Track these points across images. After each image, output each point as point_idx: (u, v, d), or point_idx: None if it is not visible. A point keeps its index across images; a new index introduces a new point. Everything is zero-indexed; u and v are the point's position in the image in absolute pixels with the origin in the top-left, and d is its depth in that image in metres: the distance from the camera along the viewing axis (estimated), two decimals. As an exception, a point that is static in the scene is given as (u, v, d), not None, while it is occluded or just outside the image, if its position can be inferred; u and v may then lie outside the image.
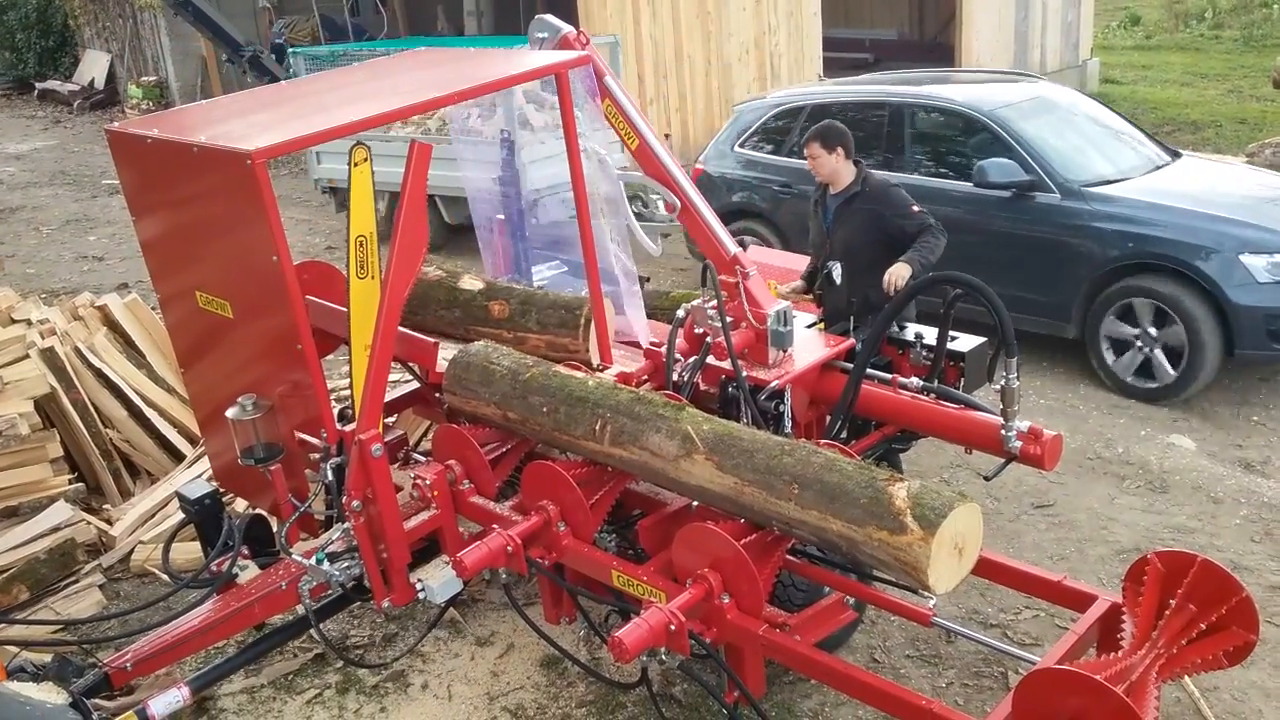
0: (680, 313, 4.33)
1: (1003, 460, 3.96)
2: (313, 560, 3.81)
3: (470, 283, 4.71)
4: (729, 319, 4.18)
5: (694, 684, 4.17)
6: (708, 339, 4.26)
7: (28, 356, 5.83)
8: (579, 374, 4.00)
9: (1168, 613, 3.26)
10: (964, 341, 4.52)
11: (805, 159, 5.29)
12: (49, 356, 5.85)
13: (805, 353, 4.45)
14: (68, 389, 5.86)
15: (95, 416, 5.94)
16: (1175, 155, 7.83)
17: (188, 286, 4.06)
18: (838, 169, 5.10)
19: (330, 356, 4.81)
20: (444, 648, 4.74)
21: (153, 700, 3.73)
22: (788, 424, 4.21)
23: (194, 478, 5.36)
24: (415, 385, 4.82)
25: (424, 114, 9.22)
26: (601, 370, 4.30)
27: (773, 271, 5.63)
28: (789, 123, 8.48)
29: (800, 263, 5.51)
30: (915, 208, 5.05)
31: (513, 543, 3.71)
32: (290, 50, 11.70)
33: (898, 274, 4.87)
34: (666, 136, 11.10)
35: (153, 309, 6.34)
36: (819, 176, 5.20)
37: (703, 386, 4.33)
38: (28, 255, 11.59)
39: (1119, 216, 6.77)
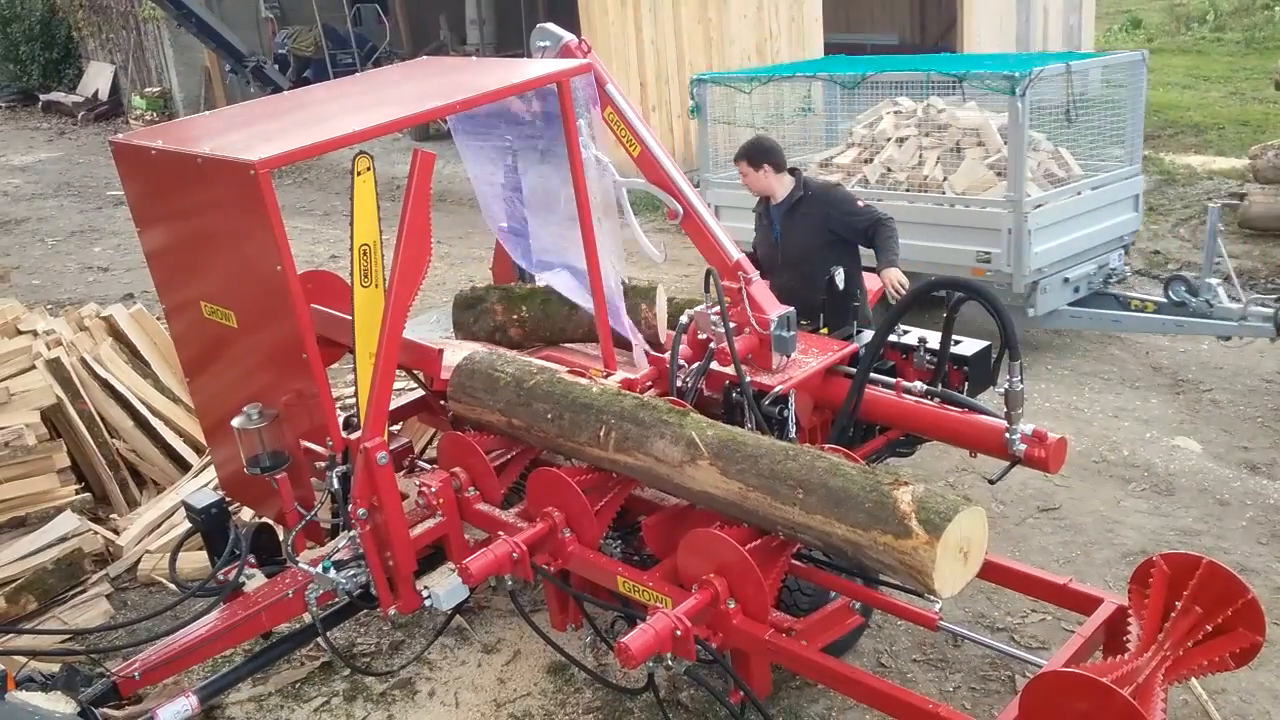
0: (684, 319, 4.34)
1: (1007, 464, 3.96)
2: (319, 568, 3.82)
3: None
4: (732, 325, 4.19)
5: (701, 689, 4.17)
6: (711, 345, 4.27)
7: (34, 367, 5.85)
8: (583, 380, 4.02)
9: (1174, 615, 3.25)
10: (968, 345, 4.53)
11: None
12: (55, 367, 5.87)
13: (808, 358, 4.45)
14: (74, 399, 5.88)
15: (102, 427, 5.96)
16: None
17: (192, 296, 4.08)
18: (769, 184, 5.27)
19: (335, 365, 4.83)
20: (451, 655, 4.74)
21: (161, 709, 3.74)
22: (792, 429, 4.22)
23: (200, 487, 5.37)
24: (420, 393, 4.83)
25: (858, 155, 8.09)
26: (606, 376, 4.31)
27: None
28: None
29: None
30: (861, 203, 5.21)
31: (518, 549, 3.72)
32: (695, 80, 8.57)
33: (894, 277, 4.90)
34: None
35: (158, 319, 6.37)
36: (752, 192, 5.36)
37: (706, 392, 4.34)
38: (33, 266, 11.63)
39: None
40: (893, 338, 4.50)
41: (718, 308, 4.18)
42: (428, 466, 4.44)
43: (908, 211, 7.36)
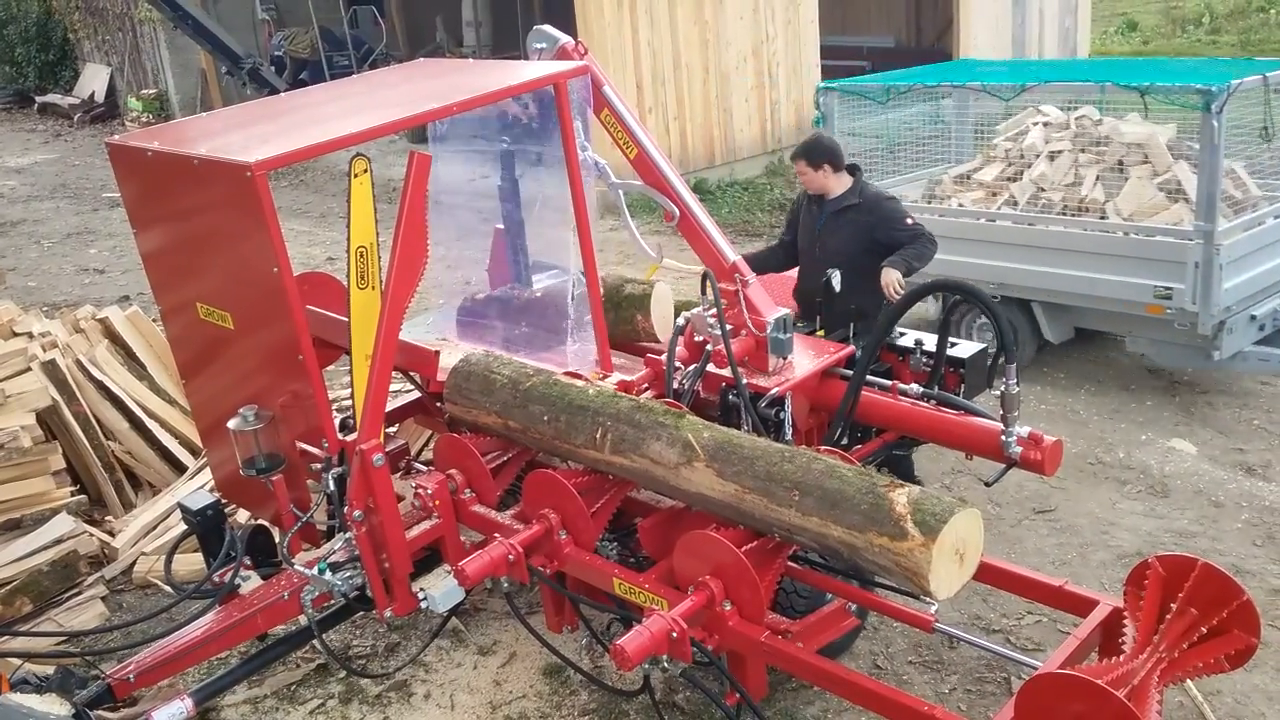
0: (680, 320, 4.34)
1: (1003, 466, 3.96)
2: (315, 570, 3.81)
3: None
4: (729, 327, 4.19)
5: (697, 691, 4.17)
6: (708, 346, 4.27)
7: (29, 369, 5.84)
8: (579, 383, 4.02)
9: (1169, 617, 3.26)
10: (964, 347, 4.53)
11: None
12: (50, 369, 5.86)
13: (805, 360, 4.46)
14: (69, 401, 5.87)
15: (97, 429, 5.95)
16: None
17: (189, 298, 4.07)
18: (827, 183, 5.21)
19: (331, 367, 4.82)
20: (446, 657, 4.74)
21: (156, 712, 3.73)
22: (788, 431, 4.22)
23: (196, 489, 5.37)
24: (416, 395, 4.83)
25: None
26: (602, 378, 4.31)
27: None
28: None
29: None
30: (909, 220, 5.15)
31: (514, 551, 3.72)
32: (822, 88, 7.69)
33: (892, 278, 4.90)
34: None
35: (154, 321, 6.36)
36: (810, 190, 5.31)
37: (703, 394, 4.34)
38: (29, 268, 11.62)
39: None
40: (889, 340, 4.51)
41: (714, 310, 4.18)
42: (424, 468, 4.44)
43: (1063, 238, 6.67)
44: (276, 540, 4.24)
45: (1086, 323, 6.99)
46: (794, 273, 5.60)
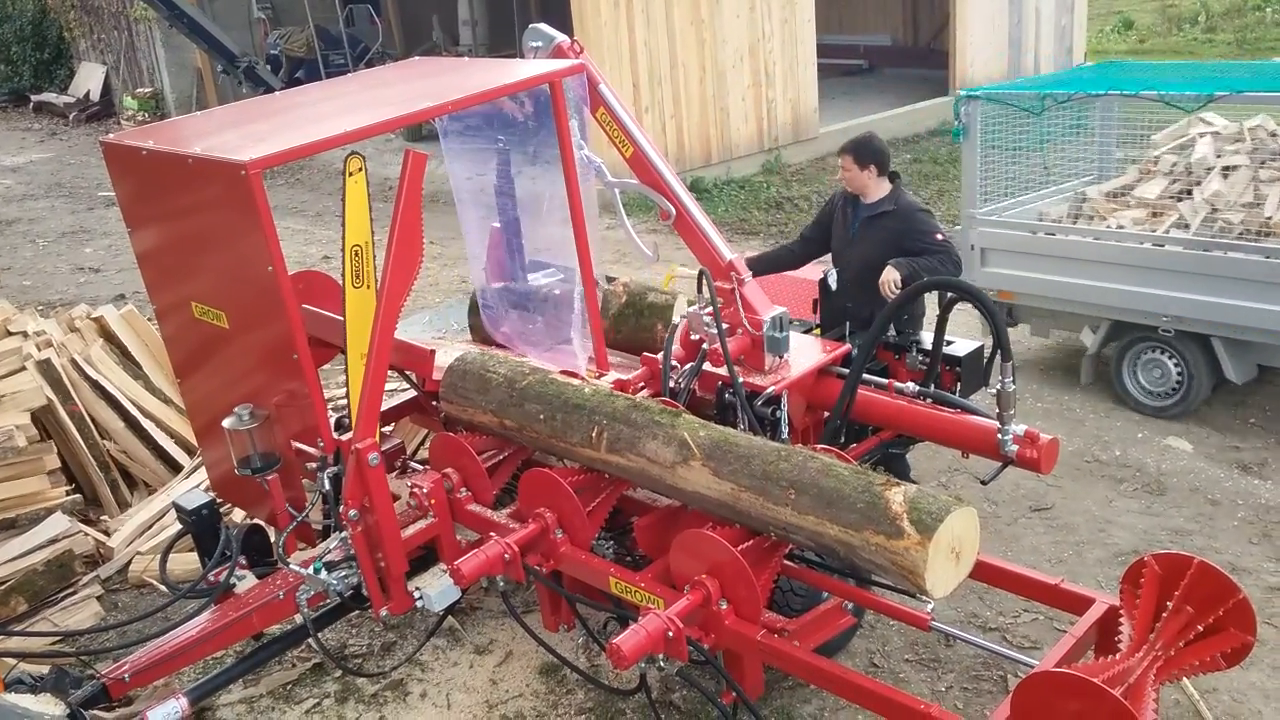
0: (676, 319, 4.34)
1: (1000, 464, 3.97)
2: (310, 569, 3.81)
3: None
4: (725, 325, 4.19)
5: (693, 690, 4.17)
6: (704, 345, 4.27)
7: (24, 369, 5.83)
8: (575, 381, 4.02)
9: (1165, 615, 3.26)
10: (960, 346, 4.53)
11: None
12: (45, 368, 5.85)
13: (801, 358, 4.46)
14: (64, 401, 5.86)
15: (92, 428, 5.94)
16: None
17: (183, 297, 4.07)
18: (867, 184, 5.19)
19: (327, 366, 4.82)
20: (443, 656, 4.73)
21: (151, 711, 3.72)
22: (784, 429, 4.22)
23: (191, 488, 5.36)
24: (412, 393, 4.82)
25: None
26: (598, 377, 4.30)
27: (783, 286, 5.67)
28: None
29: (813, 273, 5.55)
30: (939, 235, 5.10)
31: (510, 550, 3.71)
32: (964, 96, 6.77)
33: (891, 277, 4.89)
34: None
35: (149, 320, 6.35)
36: (848, 187, 5.27)
37: (699, 393, 4.34)
38: (24, 267, 11.59)
39: None
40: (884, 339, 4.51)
41: (710, 308, 4.18)
42: (420, 467, 4.43)
43: (1246, 266, 5.83)
44: (272, 539, 4.24)
45: (1275, 360, 6.18)
46: (804, 272, 5.59)
